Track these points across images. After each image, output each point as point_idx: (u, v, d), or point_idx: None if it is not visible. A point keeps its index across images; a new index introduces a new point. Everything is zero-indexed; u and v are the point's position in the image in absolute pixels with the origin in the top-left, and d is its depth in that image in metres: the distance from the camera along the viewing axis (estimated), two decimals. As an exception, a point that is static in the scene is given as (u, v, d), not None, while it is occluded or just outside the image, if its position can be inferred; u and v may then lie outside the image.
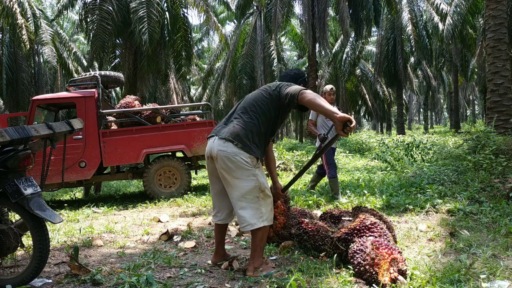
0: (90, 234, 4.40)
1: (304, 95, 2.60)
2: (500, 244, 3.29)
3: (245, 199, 2.71)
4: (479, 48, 16.42)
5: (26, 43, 14.44)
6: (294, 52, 35.72)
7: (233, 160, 2.66)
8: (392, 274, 2.51)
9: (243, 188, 2.69)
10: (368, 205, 4.77)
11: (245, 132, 2.70)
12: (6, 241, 2.72)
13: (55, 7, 20.90)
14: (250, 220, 2.71)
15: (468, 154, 6.28)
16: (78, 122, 3.08)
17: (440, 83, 35.04)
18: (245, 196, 2.70)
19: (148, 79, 15.49)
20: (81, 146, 6.45)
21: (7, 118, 7.41)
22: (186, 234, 4.07)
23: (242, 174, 2.68)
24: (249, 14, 22.58)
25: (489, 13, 8.13)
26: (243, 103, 2.87)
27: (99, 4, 12.69)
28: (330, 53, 24.53)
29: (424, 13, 22.61)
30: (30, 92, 18.12)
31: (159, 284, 2.68)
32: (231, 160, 2.66)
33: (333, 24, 25.81)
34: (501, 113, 7.76)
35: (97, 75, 6.76)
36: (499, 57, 7.95)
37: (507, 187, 4.82)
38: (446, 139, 12.30)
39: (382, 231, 3.02)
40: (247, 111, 2.78)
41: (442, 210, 4.54)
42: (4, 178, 2.63)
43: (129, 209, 6.13)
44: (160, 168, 6.78)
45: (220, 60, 26.30)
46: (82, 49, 27.25)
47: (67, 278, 2.88)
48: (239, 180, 2.69)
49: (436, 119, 63.42)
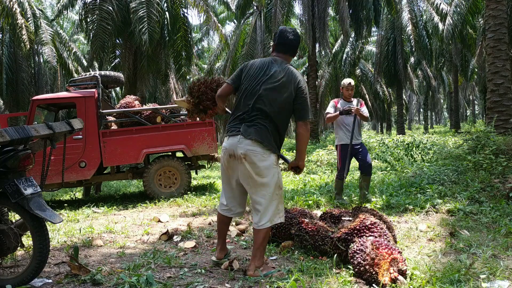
0: (90, 234, 4.40)
1: (306, 127, 2.88)
2: (500, 244, 3.29)
3: (269, 196, 2.80)
4: (479, 48, 16.43)
5: (26, 43, 14.44)
6: (294, 52, 35.67)
7: (263, 160, 2.75)
8: (392, 274, 2.51)
9: (270, 187, 2.79)
10: (368, 205, 4.77)
11: (271, 135, 2.81)
12: (6, 241, 2.72)
13: (55, 7, 20.91)
14: (272, 217, 2.81)
15: (468, 154, 6.27)
16: (78, 122, 3.08)
17: (440, 83, 35.05)
18: (270, 193, 2.80)
19: (148, 79, 15.50)
20: (81, 146, 6.45)
21: (7, 118, 7.41)
22: (186, 234, 4.07)
23: (269, 173, 2.78)
24: (249, 14, 22.58)
25: (489, 13, 8.13)
26: (264, 99, 2.80)
27: (99, 4, 12.69)
28: (330, 53, 24.53)
29: (424, 13, 22.61)
30: (30, 92, 18.11)
31: (159, 284, 2.68)
32: (261, 159, 2.75)
33: (333, 24, 25.82)
34: (501, 113, 7.76)
35: (97, 75, 6.76)
36: (499, 57, 7.94)
37: (507, 187, 4.81)
38: (446, 139, 12.30)
39: (382, 231, 3.03)
40: (270, 115, 2.80)
41: (442, 210, 4.54)
42: (4, 178, 2.63)
43: (129, 209, 6.13)
44: (160, 168, 6.77)
45: (220, 60, 26.30)
46: (82, 49, 27.25)
47: (67, 278, 2.88)
48: (266, 178, 2.77)
49: (436, 119, 63.43)
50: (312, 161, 10.51)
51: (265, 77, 2.84)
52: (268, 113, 2.79)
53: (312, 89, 17.97)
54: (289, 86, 2.82)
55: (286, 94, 2.81)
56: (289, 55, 3.01)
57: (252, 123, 2.80)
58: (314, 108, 17.99)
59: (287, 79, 2.83)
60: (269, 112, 2.79)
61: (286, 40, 2.96)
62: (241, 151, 2.74)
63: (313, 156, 10.86)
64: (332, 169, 9.69)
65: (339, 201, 5.23)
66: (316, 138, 17.87)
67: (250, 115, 2.81)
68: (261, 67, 2.89)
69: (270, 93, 2.81)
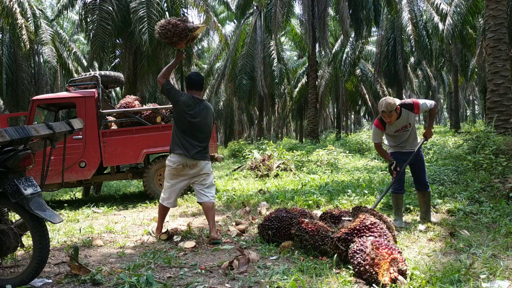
0: (90, 234, 4.40)
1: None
2: (500, 244, 3.29)
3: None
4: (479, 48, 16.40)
5: (26, 43, 14.44)
6: (294, 52, 35.73)
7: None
8: (392, 274, 2.51)
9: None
10: (368, 205, 4.77)
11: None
12: (6, 241, 2.72)
13: (55, 7, 20.90)
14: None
15: (468, 154, 6.28)
16: (78, 122, 3.08)
17: (440, 83, 35.03)
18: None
19: (148, 79, 15.49)
20: (81, 146, 6.45)
21: (7, 118, 7.41)
22: (186, 234, 4.07)
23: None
24: (249, 14, 22.58)
25: (489, 13, 8.13)
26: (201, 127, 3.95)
27: (99, 4, 12.69)
28: (330, 53, 24.51)
29: (424, 13, 22.59)
30: (30, 92, 18.11)
31: (159, 284, 2.68)
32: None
33: (333, 24, 25.80)
34: (501, 113, 7.76)
35: (97, 75, 6.76)
36: (499, 57, 7.95)
37: (507, 187, 4.82)
38: (446, 139, 12.28)
39: (382, 231, 3.03)
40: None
41: (442, 210, 4.54)
42: (4, 178, 2.63)
43: (129, 209, 6.13)
44: (160, 168, 6.77)
45: (220, 60, 26.30)
46: (82, 49, 27.24)
47: (67, 278, 2.88)
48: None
49: (436, 119, 63.42)
50: (312, 161, 10.51)
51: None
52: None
53: (312, 89, 17.97)
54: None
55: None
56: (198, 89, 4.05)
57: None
58: (314, 108, 17.98)
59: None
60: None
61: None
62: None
63: (313, 156, 10.86)
64: (332, 169, 9.70)
65: (398, 226, 4.05)
66: (316, 138, 17.86)
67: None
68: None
69: (206, 121, 4.08)
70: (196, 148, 3.85)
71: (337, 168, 9.82)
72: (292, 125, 42.50)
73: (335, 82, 27.62)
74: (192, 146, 3.83)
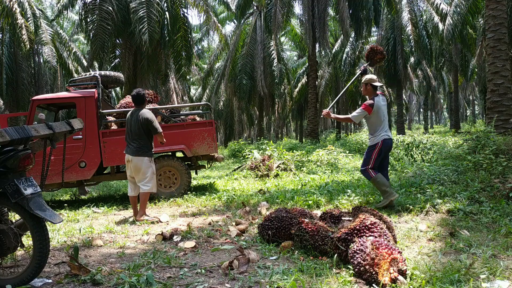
0: (90, 234, 4.40)
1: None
2: (500, 244, 3.29)
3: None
4: (479, 48, 16.41)
5: (26, 43, 14.44)
6: (294, 52, 35.74)
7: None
8: (392, 274, 2.51)
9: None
10: (368, 205, 4.77)
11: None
12: (6, 241, 2.72)
13: (55, 7, 20.91)
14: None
15: (468, 154, 6.27)
16: (78, 122, 3.08)
17: (440, 83, 35.04)
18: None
19: (148, 79, 15.50)
20: (81, 146, 6.45)
21: (7, 118, 7.41)
22: (186, 234, 4.07)
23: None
24: (249, 14, 22.57)
25: (489, 13, 8.13)
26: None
27: (99, 4, 12.70)
28: (330, 53, 24.53)
29: (424, 13, 22.59)
30: (30, 92, 18.12)
31: (159, 284, 2.68)
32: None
33: (333, 24, 25.81)
34: (501, 113, 7.76)
35: (97, 75, 6.76)
36: (499, 57, 7.94)
37: (507, 187, 4.81)
38: (446, 139, 12.27)
39: (382, 231, 3.03)
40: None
41: (442, 210, 4.54)
42: (4, 178, 2.63)
43: (129, 209, 6.12)
44: (160, 168, 6.77)
45: (220, 60, 26.30)
46: (82, 49, 27.25)
47: (67, 278, 2.88)
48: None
49: (436, 119, 63.43)
50: (312, 161, 10.50)
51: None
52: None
53: (312, 89, 17.97)
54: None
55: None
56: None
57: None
58: (314, 108, 17.98)
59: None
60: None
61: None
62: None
63: (313, 156, 10.85)
64: (332, 169, 9.70)
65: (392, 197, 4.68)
66: (316, 138, 17.85)
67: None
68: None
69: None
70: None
71: (337, 168, 9.82)
72: (292, 125, 42.51)
73: (335, 82, 27.62)
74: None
